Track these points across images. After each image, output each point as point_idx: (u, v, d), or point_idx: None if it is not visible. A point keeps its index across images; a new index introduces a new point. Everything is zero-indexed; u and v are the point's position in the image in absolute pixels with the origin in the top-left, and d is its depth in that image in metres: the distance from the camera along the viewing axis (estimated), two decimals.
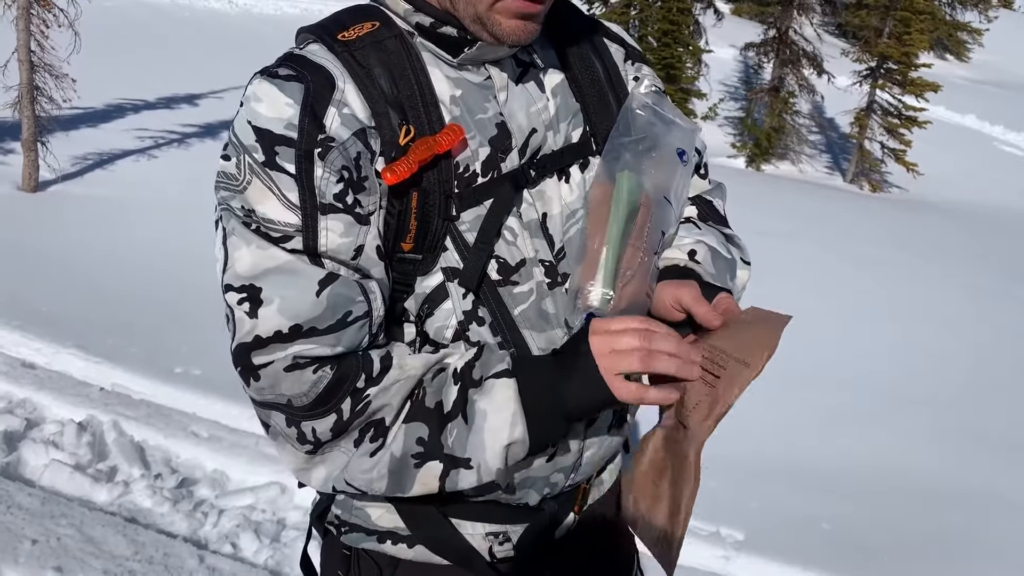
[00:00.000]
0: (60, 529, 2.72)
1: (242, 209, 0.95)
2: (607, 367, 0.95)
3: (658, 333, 0.96)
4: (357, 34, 1.00)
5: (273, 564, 2.80)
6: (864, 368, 5.23)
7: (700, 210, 1.24)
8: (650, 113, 1.08)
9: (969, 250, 9.13)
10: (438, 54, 1.02)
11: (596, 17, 1.25)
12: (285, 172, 0.93)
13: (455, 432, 0.97)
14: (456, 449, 0.98)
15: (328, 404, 0.96)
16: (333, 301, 0.94)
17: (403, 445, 0.98)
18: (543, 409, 0.97)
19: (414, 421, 0.98)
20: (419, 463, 0.99)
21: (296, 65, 0.97)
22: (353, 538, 1.16)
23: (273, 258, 0.94)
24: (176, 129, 8.85)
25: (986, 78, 23.52)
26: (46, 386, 3.72)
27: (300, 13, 16.31)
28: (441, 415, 0.98)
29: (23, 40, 6.95)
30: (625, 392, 0.96)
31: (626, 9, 14.92)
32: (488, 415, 0.96)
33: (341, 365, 0.97)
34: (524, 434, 0.97)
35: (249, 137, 0.95)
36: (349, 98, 0.96)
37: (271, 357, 0.95)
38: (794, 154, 15.99)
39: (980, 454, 4.28)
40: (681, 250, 1.14)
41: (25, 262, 5.26)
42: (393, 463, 0.99)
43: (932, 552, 3.35)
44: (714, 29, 17.62)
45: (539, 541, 1.16)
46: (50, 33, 7.10)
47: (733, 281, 1.18)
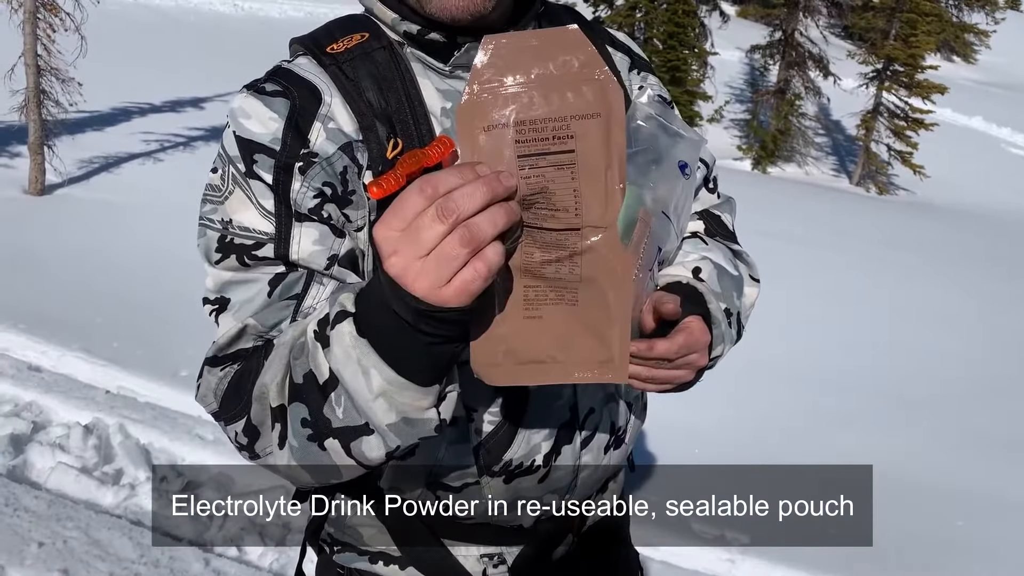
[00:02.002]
0: (66, 532, 2.73)
1: (221, 221, 0.94)
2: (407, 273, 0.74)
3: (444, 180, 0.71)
4: (346, 46, 0.99)
5: (278, 567, 2.80)
6: (866, 368, 5.23)
7: (707, 225, 1.18)
8: (653, 124, 1.05)
9: (976, 252, 9.11)
10: (428, 63, 1.00)
11: (602, 23, 1.23)
12: (262, 181, 0.93)
13: (343, 400, 0.80)
14: (350, 418, 0.81)
15: (238, 403, 0.90)
16: (281, 292, 0.93)
17: (294, 432, 0.85)
18: (387, 336, 0.76)
19: (294, 402, 0.84)
20: (320, 445, 0.84)
21: (282, 80, 0.96)
22: (346, 558, 1.14)
23: (236, 269, 0.94)
24: (182, 133, 8.87)
25: (993, 80, 23.47)
26: (52, 389, 3.73)
27: (305, 17, 16.37)
28: (316, 386, 0.81)
29: (30, 44, 6.98)
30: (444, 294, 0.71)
31: (631, 12, 14.92)
32: (343, 374, 0.79)
33: (247, 360, 0.92)
34: (383, 376, 0.77)
35: (233, 149, 0.94)
36: (336, 112, 0.95)
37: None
38: (800, 156, 15.98)
39: (983, 455, 4.27)
40: (685, 267, 1.08)
41: (31, 265, 5.28)
42: (297, 453, 0.85)
43: (934, 552, 3.35)
44: (720, 31, 17.61)
45: (535, 564, 1.13)
46: (56, 37, 7.13)
47: (740, 299, 1.11)
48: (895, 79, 15.50)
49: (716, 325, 1.02)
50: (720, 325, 1.03)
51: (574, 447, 1.08)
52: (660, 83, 1.21)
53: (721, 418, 4.14)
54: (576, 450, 1.08)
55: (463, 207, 0.69)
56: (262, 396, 0.87)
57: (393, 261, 0.71)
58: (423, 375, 0.77)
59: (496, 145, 0.72)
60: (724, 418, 4.16)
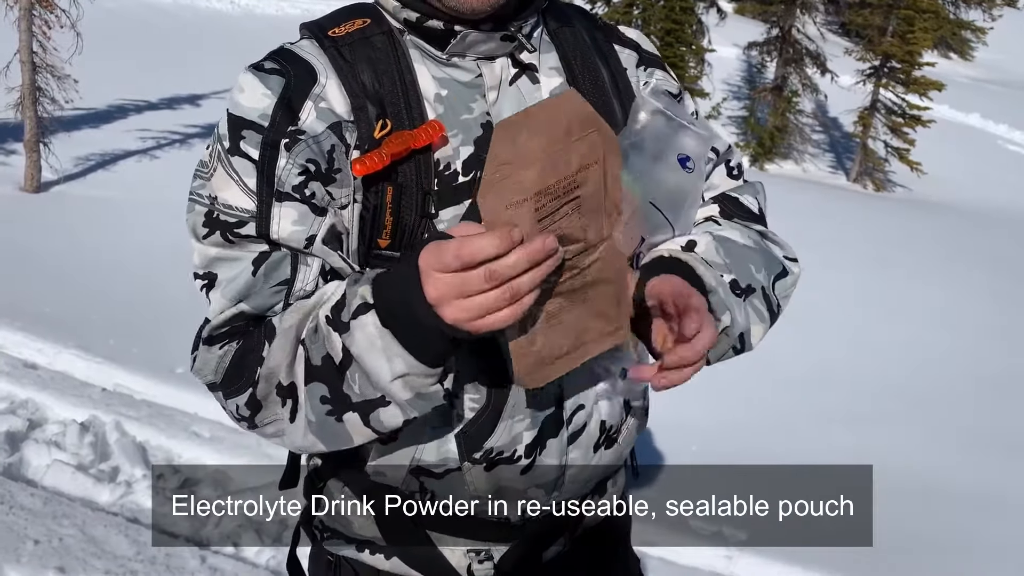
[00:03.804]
0: (62, 529, 2.73)
1: (208, 197, 0.99)
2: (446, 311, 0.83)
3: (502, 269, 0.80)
4: (347, 30, 1.02)
5: (275, 564, 2.80)
6: (866, 367, 5.23)
7: (723, 207, 1.16)
8: (657, 118, 1.04)
9: (973, 249, 9.12)
10: (426, 50, 1.02)
11: (604, 19, 1.22)
12: (248, 158, 0.97)
13: (357, 377, 0.90)
14: (366, 393, 0.91)
15: (240, 380, 0.97)
16: (266, 271, 0.97)
17: (312, 408, 0.94)
18: (410, 329, 0.86)
19: (312, 382, 0.93)
20: (338, 418, 0.93)
21: (281, 59, 1.01)
22: (335, 545, 1.15)
23: (221, 246, 0.98)
24: (178, 130, 8.86)
25: (990, 77, 23.48)
26: (48, 387, 3.73)
27: (301, 13, 16.32)
28: (334, 366, 0.91)
29: (25, 41, 6.96)
30: (457, 320, 0.83)
31: (629, 8, 14.91)
32: (363, 358, 0.89)
33: (246, 339, 0.98)
34: (406, 363, 0.87)
35: (224, 126, 0.99)
36: (329, 92, 0.99)
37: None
38: (797, 153, 15.97)
39: (983, 455, 4.27)
40: (675, 243, 1.04)
41: (27, 263, 5.27)
42: (314, 427, 0.95)
43: (934, 552, 3.35)
44: (717, 28, 17.58)
45: (523, 563, 1.12)
46: (52, 34, 7.11)
47: (764, 275, 1.07)
48: (892, 76, 15.49)
49: (713, 293, 0.99)
50: (717, 292, 0.99)
51: (560, 441, 1.07)
52: (669, 77, 1.20)
53: (721, 417, 4.14)
54: (563, 445, 1.07)
55: (510, 274, 0.79)
56: (271, 376, 0.95)
57: (431, 290, 0.82)
58: (437, 360, 0.88)
59: (520, 217, 0.82)
60: (724, 418, 4.16)
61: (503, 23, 1.01)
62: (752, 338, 1.06)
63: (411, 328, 0.85)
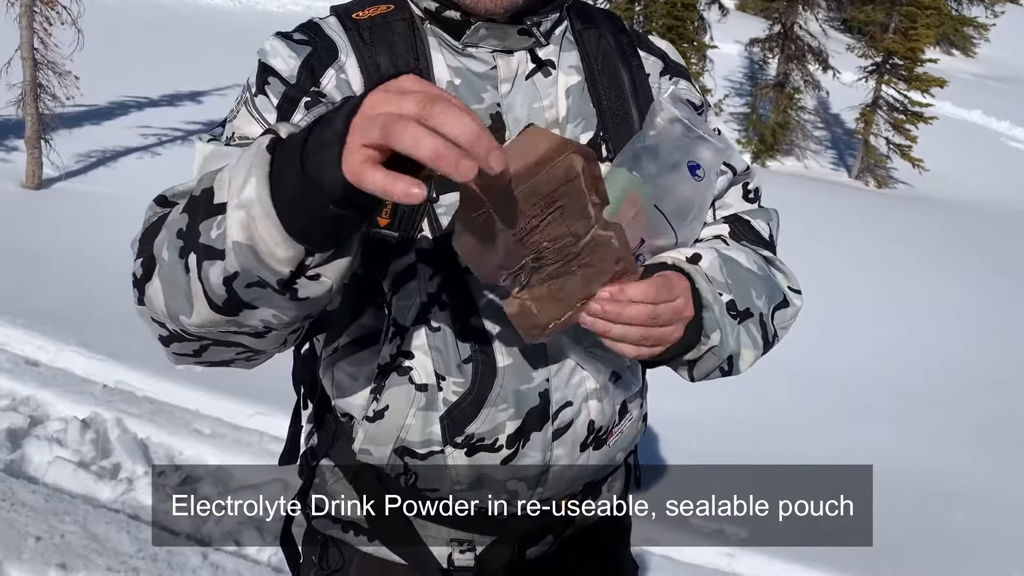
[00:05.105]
0: (64, 526, 2.73)
1: (226, 137, 1.01)
2: (356, 124, 0.70)
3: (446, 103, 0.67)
4: (371, 14, 1.06)
5: (276, 561, 2.80)
6: (866, 365, 5.23)
7: (733, 228, 1.16)
8: (675, 125, 1.04)
9: (975, 246, 9.11)
10: (443, 39, 1.04)
11: (624, 23, 1.22)
12: (269, 99, 1.00)
13: (224, 226, 0.77)
14: (215, 242, 0.78)
15: (152, 236, 0.89)
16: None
17: (169, 243, 0.83)
18: (285, 167, 0.74)
19: (182, 214, 0.82)
20: (181, 255, 0.81)
21: (309, 31, 1.06)
22: (323, 524, 1.19)
23: (219, 147, 0.98)
24: (180, 126, 8.85)
25: (992, 73, 23.44)
26: (49, 383, 3.73)
27: (303, 10, 16.31)
28: (210, 204, 0.78)
29: (26, 38, 6.96)
30: (349, 164, 0.69)
31: (630, 5, 14.89)
32: (231, 180, 0.77)
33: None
34: (257, 192, 0.74)
35: (252, 77, 1.03)
36: (348, 69, 1.03)
37: None
38: (799, 150, 15.95)
39: (983, 454, 4.27)
40: (681, 253, 1.05)
41: (28, 259, 5.27)
42: (165, 268, 0.84)
43: (935, 551, 3.35)
44: (719, 25, 17.56)
45: (506, 558, 1.13)
46: (53, 30, 7.12)
47: (764, 302, 1.07)
48: (894, 72, 15.46)
49: (708, 308, 1.00)
50: (712, 309, 1.00)
51: (544, 436, 1.07)
52: (693, 89, 1.19)
53: (721, 417, 4.14)
54: (547, 440, 1.07)
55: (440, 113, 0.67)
56: (171, 224, 0.84)
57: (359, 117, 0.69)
58: (296, 221, 0.73)
59: (498, 245, 0.85)
60: (724, 417, 4.16)
61: (521, 17, 1.03)
62: (741, 363, 1.06)
63: (289, 169, 0.73)
